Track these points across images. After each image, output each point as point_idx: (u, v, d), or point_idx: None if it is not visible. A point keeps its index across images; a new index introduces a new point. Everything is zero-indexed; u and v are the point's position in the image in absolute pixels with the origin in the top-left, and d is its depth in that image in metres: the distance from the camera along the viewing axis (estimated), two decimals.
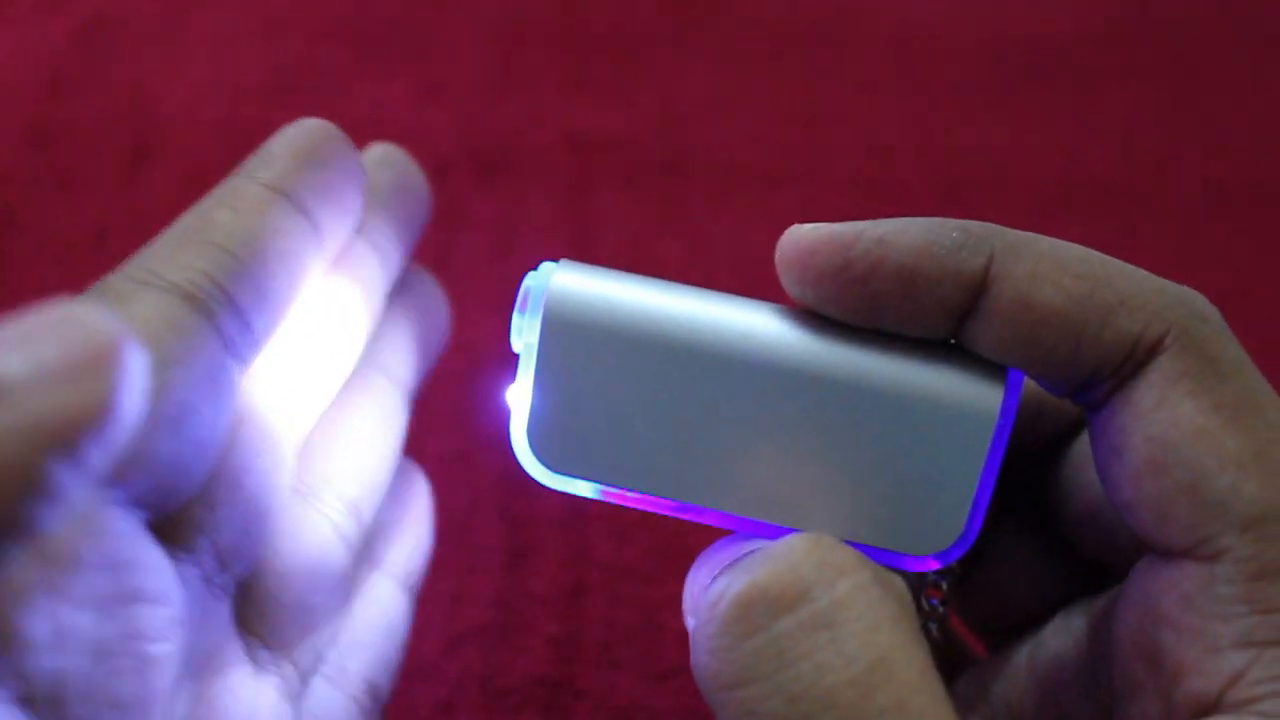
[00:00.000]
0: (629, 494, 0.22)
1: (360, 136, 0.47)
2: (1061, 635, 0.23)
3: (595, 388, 0.21)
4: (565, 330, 0.22)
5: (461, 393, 0.39)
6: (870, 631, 0.18)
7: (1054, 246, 0.21)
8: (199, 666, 0.21)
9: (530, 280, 0.22)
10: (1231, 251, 0.46)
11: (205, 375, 0.19)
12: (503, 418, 0.23)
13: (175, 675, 0.19)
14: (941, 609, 0.25)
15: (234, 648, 0.22)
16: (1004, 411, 0.21)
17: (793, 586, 0.19)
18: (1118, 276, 0.20)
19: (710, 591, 0.20)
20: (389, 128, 0.48)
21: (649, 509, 0.23)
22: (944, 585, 0.25)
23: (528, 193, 0.46)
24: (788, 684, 0.18)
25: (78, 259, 0.42)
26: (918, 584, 0.25)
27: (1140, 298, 0.20)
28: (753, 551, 0.20)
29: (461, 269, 0.43)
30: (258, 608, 0.23)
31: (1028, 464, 0.25)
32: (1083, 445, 0.24)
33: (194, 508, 0.20)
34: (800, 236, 0.21)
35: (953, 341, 0.22)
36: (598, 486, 0.22)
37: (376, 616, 0.26)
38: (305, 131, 0.23)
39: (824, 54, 0.53)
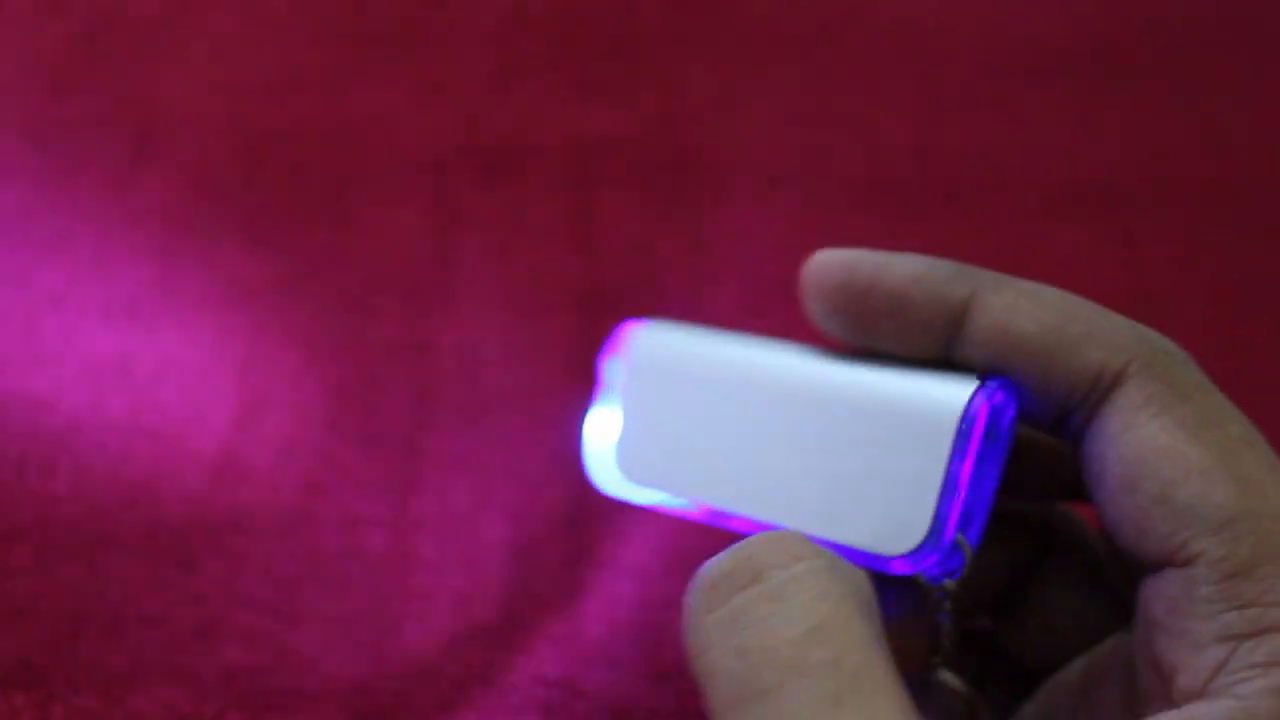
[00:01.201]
0: (679, 501, 0.27)
1: (360, 136, 0.47)
2: (1099, 667, 0.25)
3: (662, 417, 0.27)
4: (644, 375, 0.27)
5: (462, 392, 0.39)
6: (814, 602, 0.20)
7: (1034, 286, 0.24)
8: None
9: (622, 335, 0.28)
10: (1232, 251, 0.46)
11: None
12: (576, 441, 0.29)
13: None
14: (948, 623, 0.26)
15: None
16: (969, 414, 0.23)
17: (750, 568, 0.21)
18: (1089, 314, 0.23)
19: (692, 580, 0.22)
20: (389, 128, 0.48)
21: (690, 516, 0.27)
22: (946, 602, 0.25)
23: (528, 193, 0.46)
24: (739, 644, 0.20)
25: (78, 259, 0.42)
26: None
27: (1107, 333, 0.23)
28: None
29: (461, 269, 0.43)
30: None
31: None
32: None
33: None
34: (819, 257, 0.24)
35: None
36: (659, 495, 0.27)
37: None
38: None
39: (825, 54, 0.53)
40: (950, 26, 0.54)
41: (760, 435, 0.25)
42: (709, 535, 0.37)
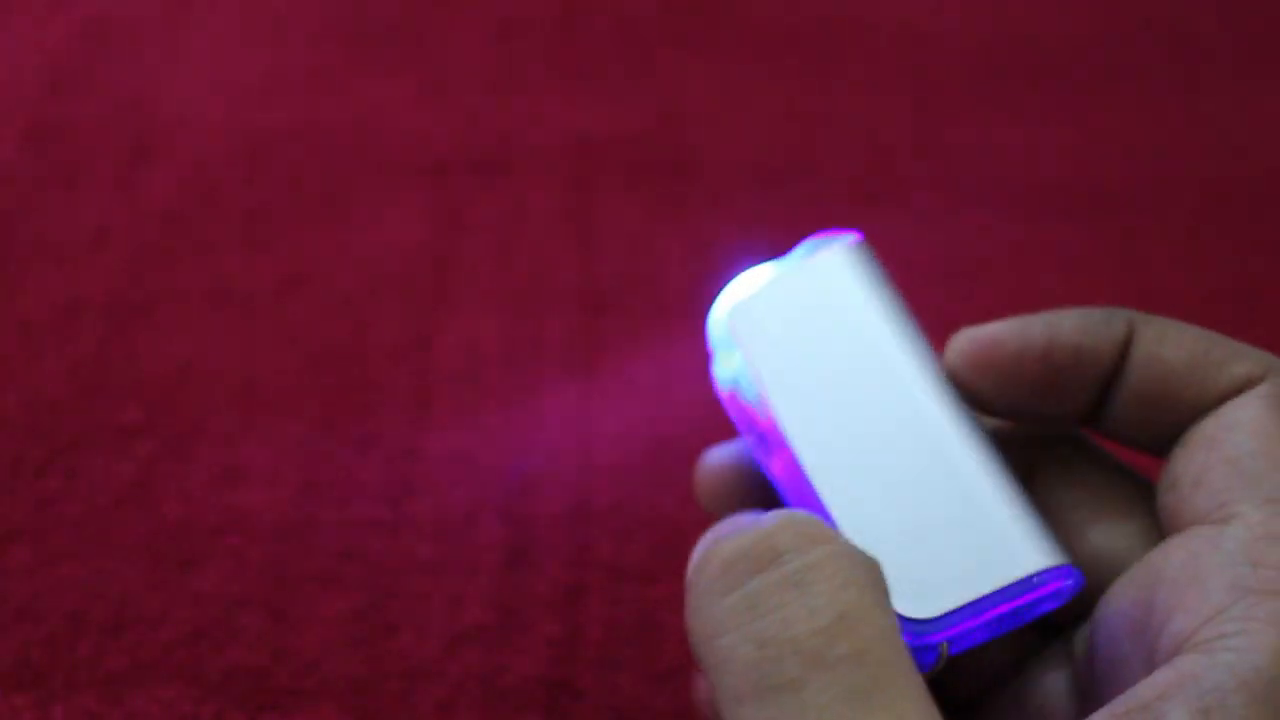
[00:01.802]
0: (756, 393, 0.25)
1: (360, 136, 0.47)
2: (1036, 680, 0.25)
3: (807, 317, 0.25)
4: (823, 270, 0.26)
5: (462, 392, 0.39)
6: (837, 590, 0.20)
7: (1176, 321, 0.24)
8: None
9: (838, 235, 0.26)
10: (1231, 251, 0.46)
11: None
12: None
13: None
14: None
15: None
16: (1044, 576, 0.23)
17: (768, 550, 0.20)
18: (1232, 343, 0.24)
19: (698, 556, 0.22)
20: (389, 128, 0.48)
21: (755, 418, 0.25)
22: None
23: (528, 193, 0.46)
24: (758, 632, 0.20)
25: (78, 259, 0.42)
26: None
27: (1248, 353, 0.23)
28: (743, 524, 0.22)
29: (461, 269, 0.43)
30: None
31: None
32: None
33: None
34: (977, 332, 0.25)
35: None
36: (745, 367, 0.25)
37: None
38: None
39: (824, 54, 0.52)
40: (950, 26, 0.54)
41: (865, 409, 0.24)
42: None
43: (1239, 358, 0.23)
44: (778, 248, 0.27)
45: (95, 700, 0.32)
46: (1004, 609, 0.23)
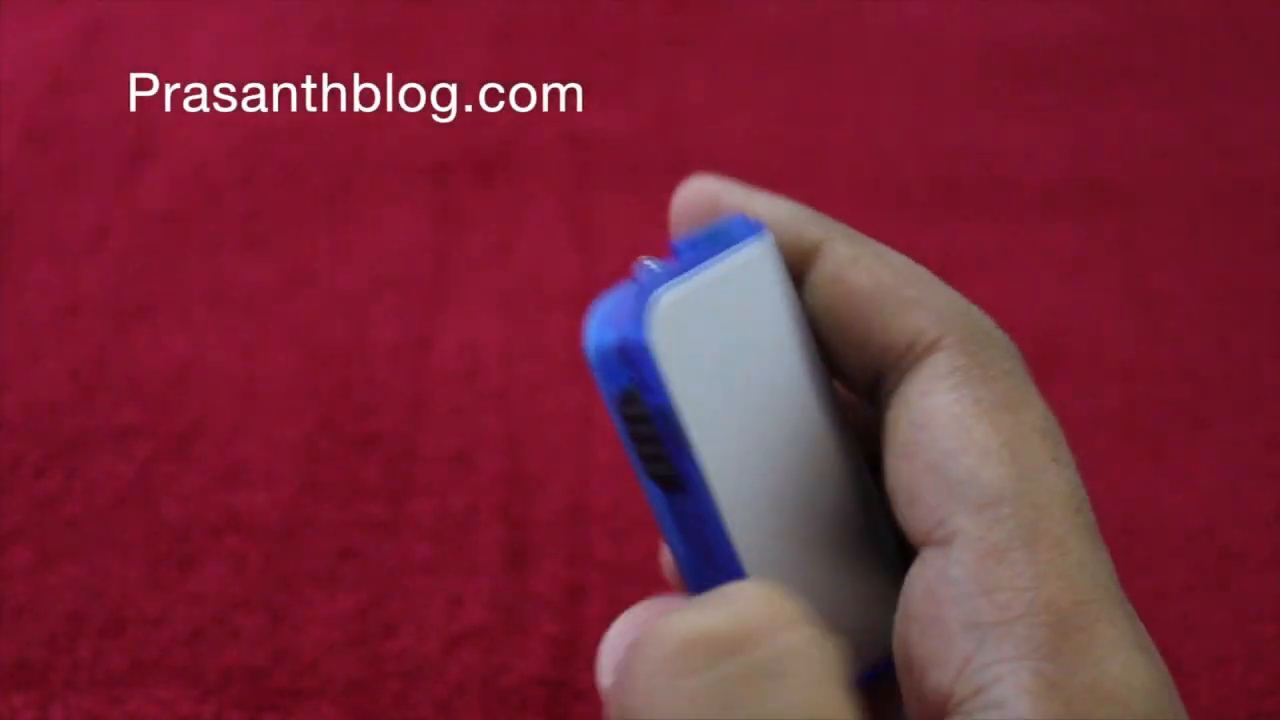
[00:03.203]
0: (669, 420, 0.22)
1: (360, 136, 0.47)
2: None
3: (721, 333, 0.22)
4: (740, 275, 0.22)
5: (462, 392, 0.39)
6: (813, 685, 0.18)
7: (885, 249, 0.23)
8: None
9: (749, 224, 0.23)
10: (1232, 251, 0.46)
11: None
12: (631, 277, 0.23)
13: None
14: None
15: None
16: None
17: (740, 630, 0.18)
18: (925, 284, 0.22)
19: (646, 632, 0.19)
20: (389, 128, 0.48)
21: (662, 440, 0.22)
22: None
23: (528, 193, 0.46)
24: None
25: (78, 259, 0.42)
26: None
27: (935, 303, 0.22)
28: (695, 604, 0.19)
29: (461, 269, 0.43)
30: None
31: None
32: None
33: None
34: (691, 182, 0.24)
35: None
36: (659, 387, 0.22)
37: None
38: None
39: (824, 54, 0.53)
40: (950, 27, 0.54)
41: (772, 445, 0.22)
42: None
43: (922, 306, 0.22)
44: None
45: (95, 700, 0.32)
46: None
